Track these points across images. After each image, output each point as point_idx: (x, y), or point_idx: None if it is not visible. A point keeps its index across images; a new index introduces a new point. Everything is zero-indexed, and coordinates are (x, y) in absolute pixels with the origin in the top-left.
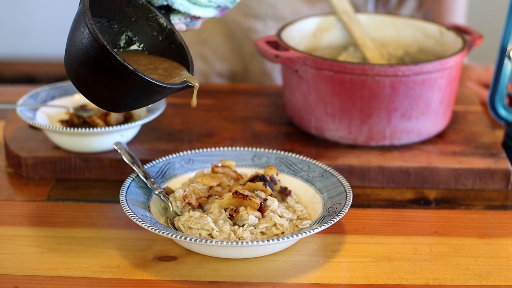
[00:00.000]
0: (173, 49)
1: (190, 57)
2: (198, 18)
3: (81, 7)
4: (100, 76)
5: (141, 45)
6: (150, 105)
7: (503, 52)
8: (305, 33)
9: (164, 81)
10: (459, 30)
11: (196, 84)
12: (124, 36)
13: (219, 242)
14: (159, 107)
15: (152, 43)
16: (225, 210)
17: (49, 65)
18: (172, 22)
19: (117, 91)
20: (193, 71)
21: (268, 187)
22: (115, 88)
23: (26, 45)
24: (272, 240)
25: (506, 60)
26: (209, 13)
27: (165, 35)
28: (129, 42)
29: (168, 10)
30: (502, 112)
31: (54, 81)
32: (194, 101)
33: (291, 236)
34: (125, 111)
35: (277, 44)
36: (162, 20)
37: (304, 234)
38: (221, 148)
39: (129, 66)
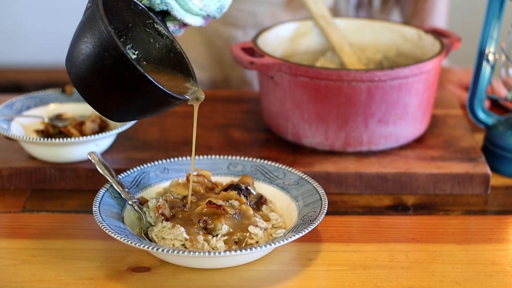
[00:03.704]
0: (171, 58)
1: (191, 66)
2: (185, 26)
3: (92, 11)
4: (114, 85)
5: (136, 52)
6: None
7: (481, 55)
8: (283, 38)
9: (177, 93)
10: (438, 34)
11: (202, 97)
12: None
13: (192, 253)
14: None
15: (148, 51)
16: (199, 221)
17: (36, 72)
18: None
19: (129, 102)
20: (196, 81)
21: (242, 196)
22: (128, 98)
23: (12, 52)
24: (246, 250)
25: (484, 63)
26: (198, 21)
27: (163, 42)
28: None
29: (164, 16)
30: (482, 115)
31: (41, 88)
32: (195, 118)
33: (265, 245)
34: (129, 121)
35: (252, 50)
36: (160, 28)
37: (278, 243)
38: (196, 157)
39: (148, 77)
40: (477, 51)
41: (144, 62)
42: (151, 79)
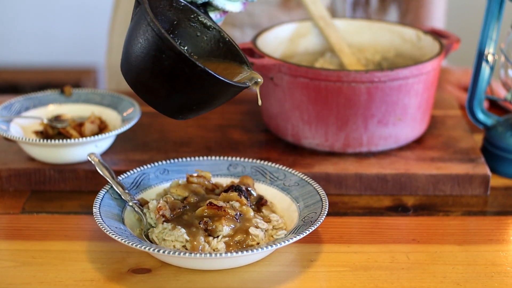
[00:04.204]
0: (221, 48)
1: (243, 52)
2: (226, 13)
3: (140, 16)
4: (177, 85)
5: (186, 48)
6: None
7: (480, 56)
8: (282, 39)
9: (238, 82)
10: (437, 34)
11: (261, 80)
12: None
13: (193, 254)
14: (134, 117)
15: (197, 45)
16: (200, 222)
17: (32, 73)
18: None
19: (193, 98)
20: (250, 65)
21: (243, 198)
22: (192, 95)
23: (9, 53)
24: (247, 251)
25: (483, 64)
26: (238, 7)
27: (210, 34)
28: None
29: (205, 8)
30: (481, 116)
31: (37, 88)
32: (260, 99)
33: (266, 247)
34: (193, 116)
35: (252, 51)
36: (205, 20)
37: (279, 244)
38: (196, 158)
39: (209, 71)
40: (476, 52)
41: (195, 57)
42: (212, 73)
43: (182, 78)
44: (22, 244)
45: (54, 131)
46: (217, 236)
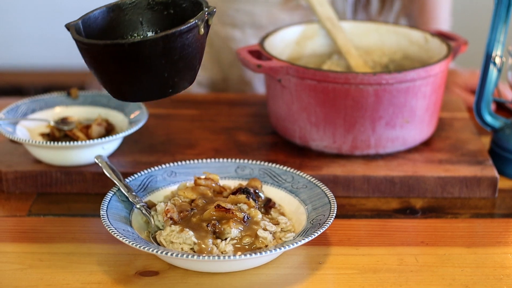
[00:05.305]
0: (187, 8)
1: None
2: None
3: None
4: (133, 68)
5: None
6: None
7: (488, 58)
8: (288, 41)
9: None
10: (444, 37)
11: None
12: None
13: (201, 257)
14: (141, 119)
15: (169, 21)
16: (208, 225)
17: (36, 75)
18: None
19: (158, 68)
20: (207, 3)
21: (251, 200)
22: (151, 67)
23: (13, 55)
24: (255, 254)
25: (491, 66)
26: None
27: (172, 4)
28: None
29: None
30: (488, 118)
31: (42, 90)
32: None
33: (274, 249)
34: (186, 84)
35: (259, 53)
36: None
37: (287, 247)
38: (204, 160)
39: (136, 41)
40: (484, 55)
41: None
42: (136, 40)
43: (130, 61)
44: (29, 246)
45: (60, 133)
46: (225, 239)
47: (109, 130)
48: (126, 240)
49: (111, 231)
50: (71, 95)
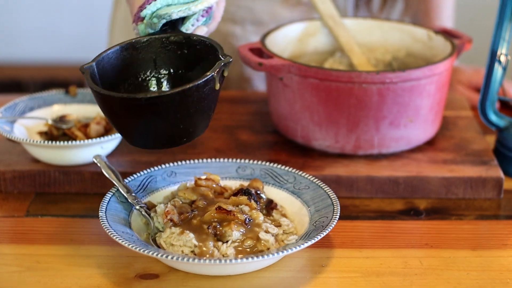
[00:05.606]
0: (201, 50)
1: (216, 42)
2: (208, 9)
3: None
4: (146, 121)
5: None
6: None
7: (493, 57)
8: (290, 39)
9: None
10: (448, 34)
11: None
12: (152, 81)
13: (202, 260)
14: None
15: (182, 61)
16: (208, 227)
17: (36, 69)
18: (189, 31)
19: (172, 123)
20: (222, 50)
21: (252, 201)
22: (166, 121)
23: (12, 49)
24: (257, 257)
25: (496, 65)
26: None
27: (187, 44)
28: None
29: (173, 25)
30: (493, 117)
31: (41, 85)
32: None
33: (277, 253)
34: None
35: (260, 51)
36: (175, 37)
37: (289, 250)
38: (204, 160)
39: (153, 95)
40: (488, 53)
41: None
42: (154, 95)
43: (147, 114)
44: (27, 248)
45: (59, 132)
46: (227, 241)
47: (108, 129)
48: (126, 243)
49: (110, 233)
50: (70, 93)
